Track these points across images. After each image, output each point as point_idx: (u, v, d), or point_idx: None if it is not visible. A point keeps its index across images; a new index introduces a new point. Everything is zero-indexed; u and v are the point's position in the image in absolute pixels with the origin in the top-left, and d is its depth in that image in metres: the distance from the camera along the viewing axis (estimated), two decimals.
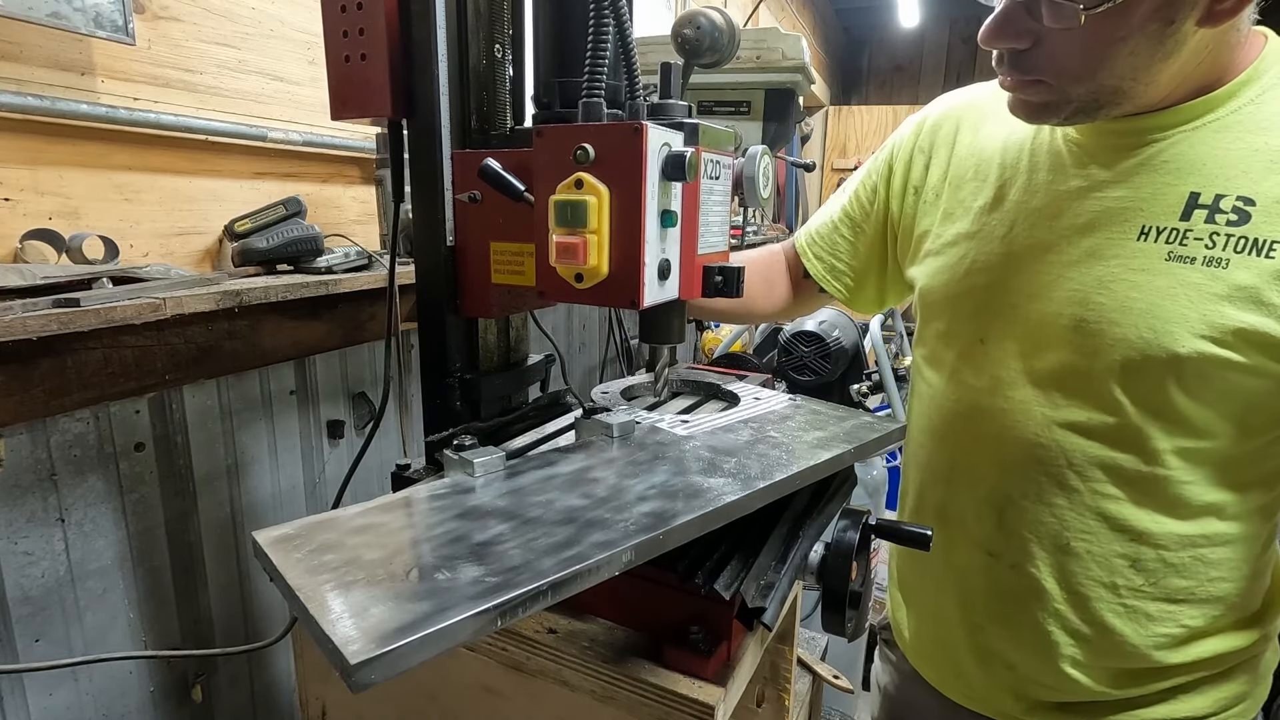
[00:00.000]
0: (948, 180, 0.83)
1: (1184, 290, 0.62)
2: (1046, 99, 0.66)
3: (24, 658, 0.89)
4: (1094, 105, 0.64)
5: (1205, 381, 0.63)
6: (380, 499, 0.57)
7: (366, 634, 0.39)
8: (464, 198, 0.69)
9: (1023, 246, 0.73)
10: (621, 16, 0.59)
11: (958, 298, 0.79)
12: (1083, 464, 0.70)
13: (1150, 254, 0.65)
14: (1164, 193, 0.65)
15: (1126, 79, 0.62)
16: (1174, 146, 0.65)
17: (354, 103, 0.68)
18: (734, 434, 0.68)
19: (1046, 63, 0.63)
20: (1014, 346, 0.73)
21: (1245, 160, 0.62)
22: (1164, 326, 0.63)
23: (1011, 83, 0.67)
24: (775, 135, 1.34)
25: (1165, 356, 0.63)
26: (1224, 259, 0.61)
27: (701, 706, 0.55)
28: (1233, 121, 0.64)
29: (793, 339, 1.86)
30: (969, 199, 0.80)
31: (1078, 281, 0.68)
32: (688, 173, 0.56)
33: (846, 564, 0.61)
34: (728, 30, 0.96)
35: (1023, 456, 0.73)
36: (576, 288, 0.58)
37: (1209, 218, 0.62)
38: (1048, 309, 0.70)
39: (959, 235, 0.79)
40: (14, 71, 0.93)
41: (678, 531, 0.50)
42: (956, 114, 0.86)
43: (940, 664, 0.87)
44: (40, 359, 0.83)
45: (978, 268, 0.76)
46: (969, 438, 0.78)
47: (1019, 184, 0.75)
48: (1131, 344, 0.65)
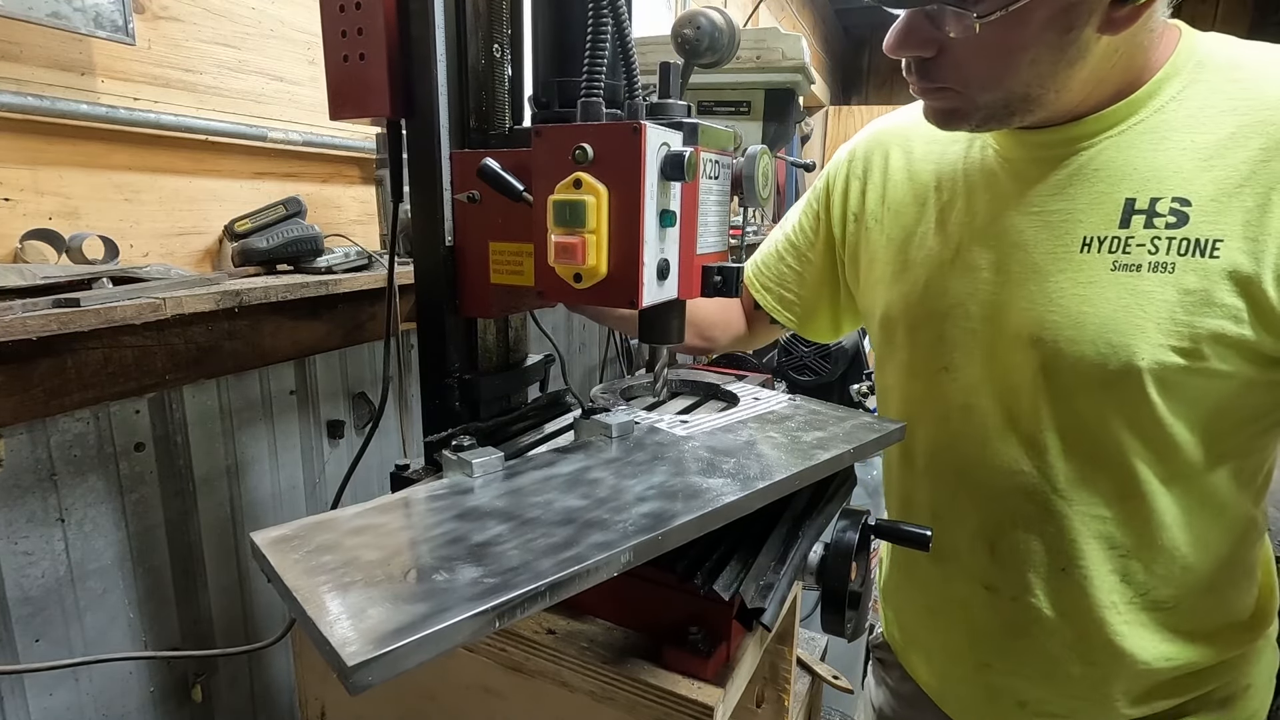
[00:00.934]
0: (885, 206, 0.82)
1: (1135, 300, 0.61)
2: (955, 105, 0.65)
3: (24, 658, 0.89)
4: (1005, 112, 0.64)
5: (1171, 391, 0.63)
6: (378, 500, 0.57)
7: (364, 635, 0.39)
8: (463, 197, 0.69)
9: (972, 268, 0.72)
10: (620, 16, 0.59)
11: (915, 328, 0.77)
12: (1065, 487, 0.69)
13: (1095, 265, 0.64)
14: (1100, 201, 0.64)
15: (1034, 86, 0.61)
16: (1103, 154, 0.65)
17: (353, 102, 0.68)
18: (733, 434, 0.68)
19: (951, 71, 0.63)
20: (978, 372, 0.72)
21: (1175, 160, 0.62)
22: (1121, 340, 0.62)
23: (922, 91, 0.67)
24: (775, 135, 1.34)
25: (1128, 370, 0.62)
26: (1169, 263, 0.60)
27: (701, 707, 0.55)
28: (1158, 122, 0.63)
29: (793, 339, 1.86)
30: (911, 224, 0.79)
31: (1027, 300, 0.67)
32: (687, 172, 0.56)
33: (846, 564, 0.61)
34: (728, 30, 0.96)
35: (1006, 486, 0.72)
36: (575, 288, 0.58)
37: (1148, 222, 0.61)
38: (1005, 331, 0.69)
39: (908, 262, 0.78)
40: (14, 71, 0.93)
41: (677, 532, 0.50)
42: (884, 140, 0.85)
43: (948, 698, 0.86)
44: (40, 359, 0.83)
45: (931, 294, 0.75)
46: (950, 472, 0.76)
47: (959, 206, 0.74)
48: (1091, 361, 0.63)
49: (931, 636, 0.86)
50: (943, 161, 0.78)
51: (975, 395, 0.73)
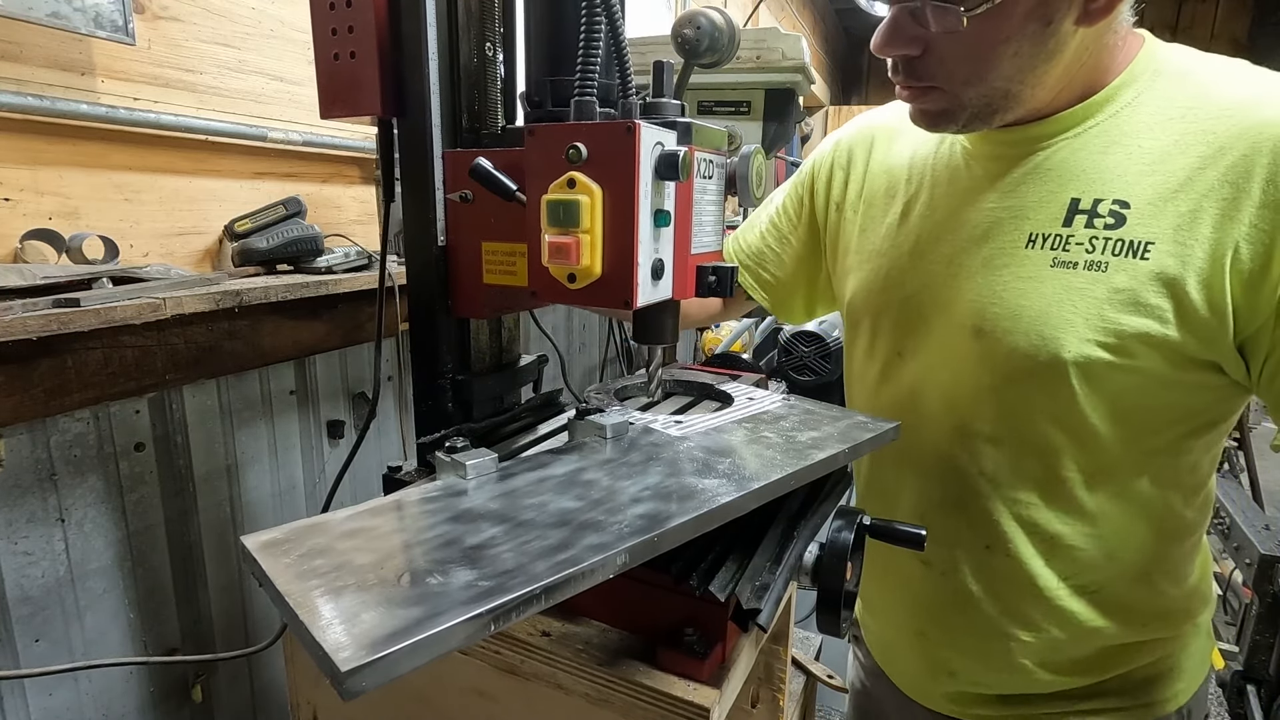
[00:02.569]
0: (863, 197, 0.85)
1: (1068, 296, 0.64)
2: (942, 106, 0.67)
3: (24, 657, 0.89)
4: (988, 109, 0.66)
5: (1094, 385, 0.65)
6: (371, 502, 0.57)
7: (357, 640, 0.39)
8: (455, 197, 0.69)
9: (929, 260, 0.75)
10: (613, 14, 0.58)
11: (876, 314, 0.81)
12: (992, 471, 0.72)
13: (1037, 261, 0.66)
14: (1048, 200, 0.67)
15: (1015, 81, 0.63)
16: (1057, 154, 0.67)
17: (343, 101, 0.68)
18: (728, 434, 0.68)
19: (937, 68, 0.65)
20: (926, 359, 0.76)
21: (1120, 164, 0.64)
22: (1051, 333, 0.64)
23: (908, 93, 0.69)
24: (775, 135, 1.34)
25: (1055, 362, 0.65)
26: (1103, 262, 0.63)
27: (696, 708, 0.55)
28: (1110, 126, 0.65)
29: (793, 339, 1.85)
30: (880, 215, 0.82)
31: (975, 292, 0.70)
32: (681, 172, 0.56)
33: (841, 564, 0.61)
34: (728, 30, 0.95)
35: (939, 467, 0.75)
36: (569, 288, 0.58)
37: (1088, 222, 0.64)
38: (951, 321, 0.72)
39: (873, 252, 0.82)
40: (14, 71, 0.93)
41: (672, 533, 0.50)
42: (870, 131, 0.87)
43: (894, 663, 0.91)
44: (40, 359, 0.84)
45: (892, 283, 0.78)
46: (893, 451, 0.79)
47: (923, 199, 0.77)
48: (1024, 352, 0.66)
49: (880, 605, 0.90)
50: (915, 156, 0.80)
51: (922, 381, 0.76)
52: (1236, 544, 1.68)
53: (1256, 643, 1.57)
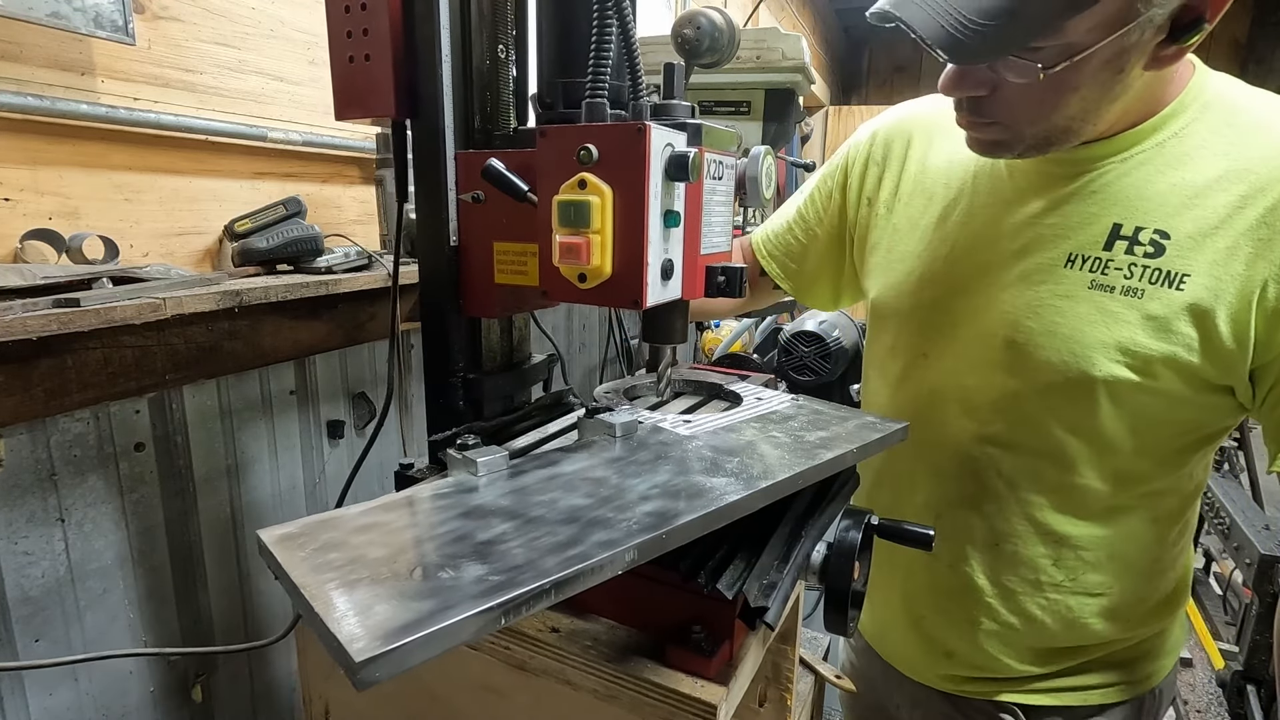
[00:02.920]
0: (898, 195, 0.86)
1: (1103, 318, 0.67)
2: (1001, 138, 0.69)
3: (24, 657, 0.88)
4: (1045, 143, 0.68)
5: (1118, 401, 0.68)
6: (383, 498, 0.57)
7: (371, 632, 0.39)
8: (467, 198, 0.69)
9: (963, 267, 0.77)
10: (624, 17, 0.59)
11: (904, 314, 0.83)
12: (1009, 474, 0.76)
13: (1075, 281, 0.69)
14: (1090, 223, 0.69)
15: (1077, 120, 0.65)
16: (1102, 178, 0.69)
17: (358, 103, 0.68)
18: (736, 434, 0.68)
19: (1003, 109, 0.66)
20: (951, 363, 0.78)
21: (1163, 195, 0.66)
22: (1083, 351, 0.68)
23: (968, 123, 0.71)
24: (775, 135, 1.34)
25: (1083, 379, 0.68)
26: (1140, 289, 0.66)
27: (704, 706, 0.55)
28: (1156, 154, 0.67)
29: (793, 339, 1.86)
30: (917, 216, 0.83)
31: (1010, 304, 0.72)
32: (691, 173, 0.56)
33: (849, 564, 0.61)
34: (728, 30, 0.96)
35: (956, 467, 0.79)
36: (579, 288, 0.58)
37: (1129, 249, 0.66)
38: (983, 329, 0.74)
39: (906, 253, 0.83)
40: (14, 71, 0.92)
41: (680, 531, 0.50)
42: (908, 127, 0.88)
43: (887, 643, 0.94)
44: (40, 359, 0.83)
45: (923, 285, 0.80)
46: (909, 446, 0.80)
47: (962, 205, 0.79)
48: (1055, 367, 0.69)
49: (875, 588, 0.92)
50: (955, 160, 0.81)
51: (944, 383, 0.79)
52: (1236, 544, 1.69)
53: (1256, 643, 1.58)
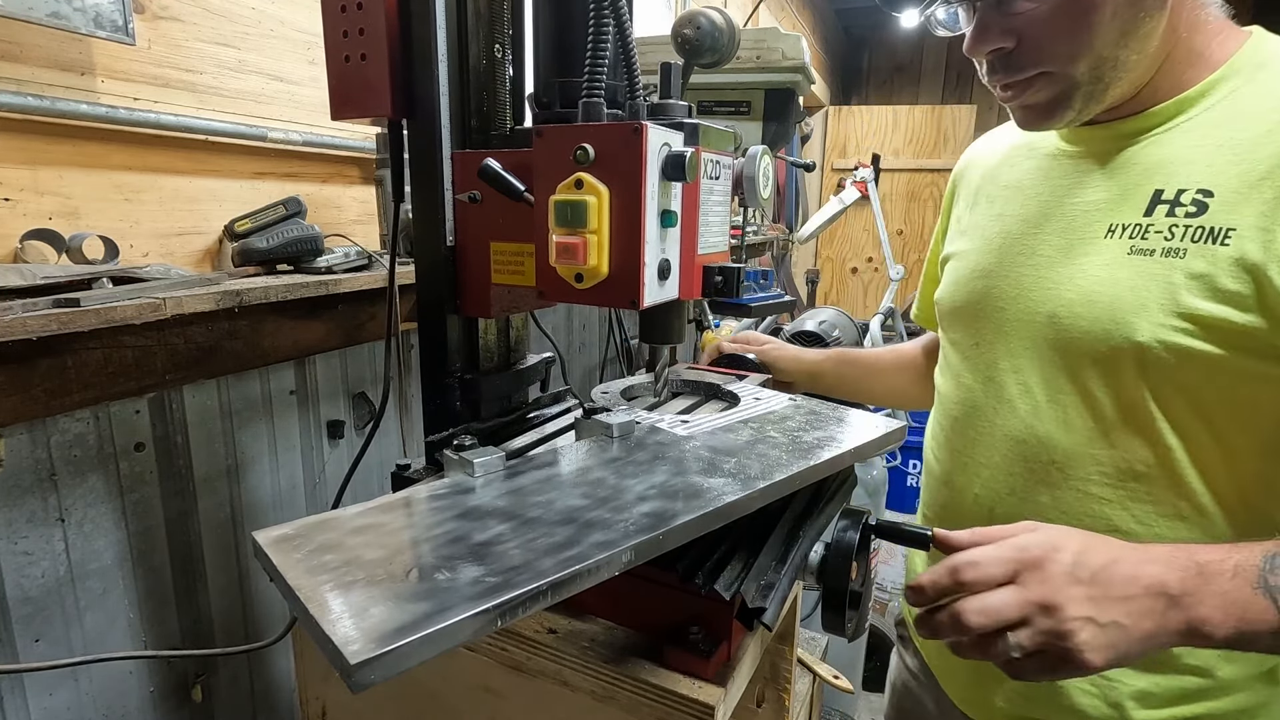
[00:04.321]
0: (972, 206, 0.87)
1: (1143, 281, 0.64)
2: (1052, 92, 0.66)
3: (24, 658, 0.88)
4: (1099, 84, 0.64)
5: (1169, 373, 0.63)
6: (380, 499, 0.57)
7: (366, 634, 0.39)
8: (464, 198, 0.69)
9: (1012, 253, 0.76)
10: (621, 16, 0.59)
11: (959, 307, 0.82)
12: (1063, 461, 0.70)
13: (1115, 249, 0.66)
14: (1132, 192, 0.67)
15: (1120, 45, 0.62)
16: (1144, 149, 0.68)
17: (354, 103, 0.68)
18: (734, 434, 0.68)
19: (1038, 53, 0.64)
20: (1001, 347, 0.76)
21: (1208, 156, 0.63)
22: (1124, 317, 0.64)
23: (1013, 92, 0.68)
24: (775, 135, 1.34)
25: (1127, 346, 0.64)
26: (1181, 249, 0.62)
27: (701, 706, 0.55)
28: (1204, 120, 0.65)
29: (793, 339, 1.86)
30: (980, 220, 0.84)
31: (1052, 280, 0.71)
32: (688, 173, 0.56)
33: (846, 564, 0.61)
34: (728, 30, 0.96)
35: (1008, 454, 0.74)
36: (576, 288, 0.58)
37: (1169, 211, 0.64)
38: (1027, 309, 0.73)
39: (966, 249, 0.84)
40: (14, 71, 0.93)
41: (677, 531, 0.50)
42: (988, 146, 0.90)
43: (947, 674, 0.86)
44: (40, 359, 0.83)
45: (975, 276, 0.80)
46: (964, 440, 0.79)
47: (1017, 199, 0.79)
48: (1097, 337, 0.66)
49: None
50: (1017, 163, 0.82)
51: (996, 369, 0.76)
52: None
53: None
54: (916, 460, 2.87)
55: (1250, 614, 0.53)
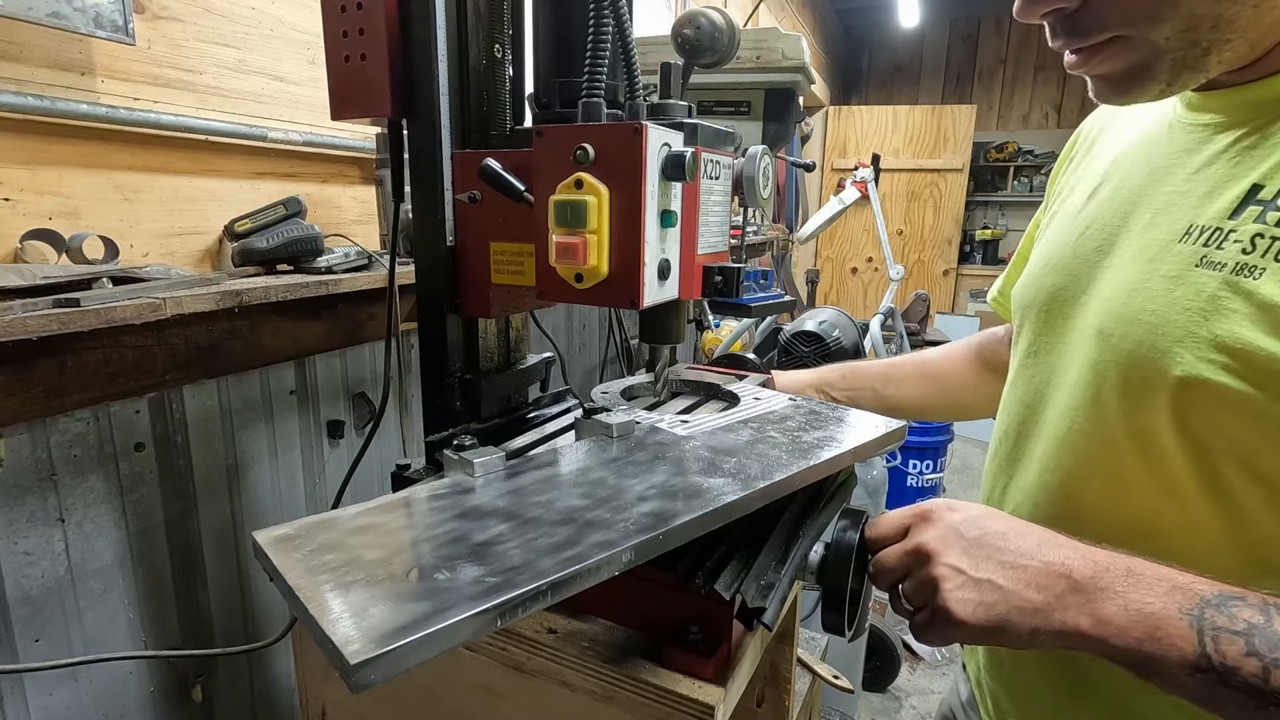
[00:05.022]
0: (1070, 185, 0.73)
1: (1199, 302, 0.52)
2: (1130, 60, 0.52)
3: (24, 657, 0.89)
4: (1194, 48, 0.50)
5: (1210, 420, 0.52)
6: (380, 499, 0.57)
7: (366, 634, 0.39)
8: (464, 198, 0.69)
9: (1085, 248, 0.64)
10: (621, 16, 0.59)
11: (1027, 305, 0.71)
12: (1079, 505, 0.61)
13: (1184, 258, 0.54)
14: (1227, 186, 0.53)
15: (1219, 0, 0.48)
16: (1265, 128, 0.52)
17: (354, 103, 0.68)
18: (734, 434, 0.68)
19: (1108, 10, 0.51)
20: (1056, 359, 0.66)
21: None
22: (1165, 344, 0.53)
23: (1081, 57, 0.55)
24: (775, 135, 1.34)
25: (1162, 379, 0.53)
26: (1259, 267, 0.49)
27: (701, 706, 0.55)
28: None
29: (793, 339, 1.86)
30: (1080, 186, 0.70)
31: (1112, 288, 0.59)
32: (687, 173, 0.56)
33: (846, 564, 0.61)
34: (728, 30, 0.96)
35: (1036, 482, 0.66)
36: (576, 288, 0.58)
37: (1259, 216, 0.50)
38: (1083, 318, 0.62)
39: (1048, 239, 0.71)
40: (14, 71, 0.93)
41: (677, 531, 0.50)
42: (1103, 117, 0.74)
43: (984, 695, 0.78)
44: (40, 359, 0.84)
45: (1047, 272, 0.68)
46: (1007, 461, 0.72)
47: (1112, 182, 0.65)
48: (1133, 363, 0.55)
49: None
50: (1122, 136, 0.68)
51: (1047, 386, 0.66)
52: None
53: None
54: (916, 460, 2.87)
55: (1163, 634, 0.45)
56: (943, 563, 0.51)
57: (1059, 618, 0.48)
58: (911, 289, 4.40)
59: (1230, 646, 0.45)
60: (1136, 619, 0.47)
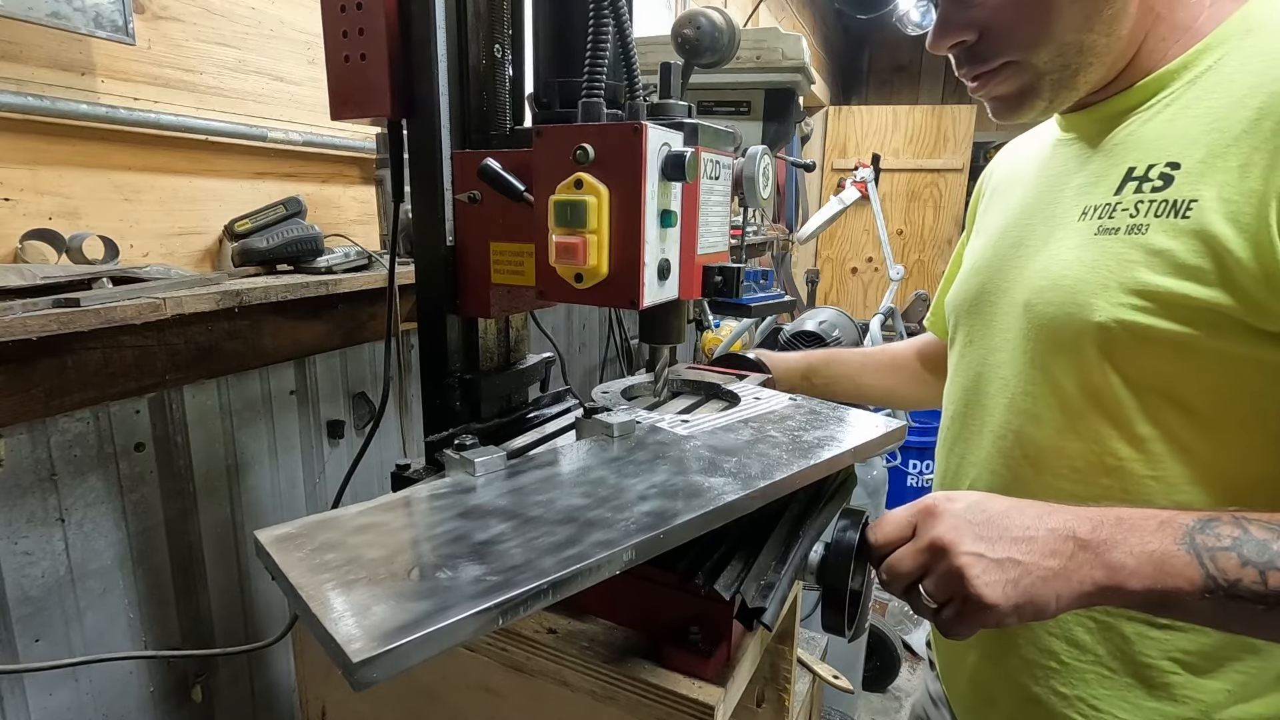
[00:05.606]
0: (987, 209, 0.88)
1: (1106, 261, 0.62)
2: (1020, 82, 0.66)
3: (24, 657, 0.89)
4: (1066, 71, 0.64)
5: (1133, 357, 0.61)
6: (381, 498, 0.57)
7: (368, 632, 0.39)
8: (464, 198, 0.69)
9: (1005, 246, 0.76)
10: (621, 16, 0.59)
11: (958, 305, 0.82)
12: (1035, 455, 0.69)
13: (1085, 231, 0.65)
14: (1108, 173, 0.66)
15: (1084, 30, 0.61)
16: (1128, 128, 0.66)
17: (354, 103, 0.68)
18: (734, 434, 0.68)
19: (1000, 42, 0.64)
20: (989, 343, 0.76)
21: (1184, 129, 0.61)
22: (1085, 299, 0.62)
23: (980, 83, 0.68)
24: (775, 135, 1.34)
25: (1087, 328, 0.62)
26: (1144, 224, 0.60)
27: (701, 707, 0.55)
28: (1185, 92, 0.62)
29: (792, 339, 1.86)
30: (990, 217, 0.84)
31: (1030, 269, 0.70)
32: (687, 173, 0.56)
33: (846, 564, 0.61)
34: (728, 30, 0.96)
35: (991, 451, 0.74)
36: (576, 288, 0.58)
37: (1138, 188, 0.62)
38: (1011, 301, 0.72)
39: (973, 249, 0.84)
40: (14, 71, 0.93)
41: (678, 530, 0.50)
42: (1017, 144, 0.89)
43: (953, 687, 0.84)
44: (40, 359, 0.83)
45: (973, 274, 0.80)
46: (959, 441, 0.79)
47: (1015, 194, 0.79)
48: (1060, 322, 0.64)
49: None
50: (1022, 158, 0.83)
51: (984, 365, 0.76)
52: None
53: None
54: (916, 460, 2.87)
55: (1170, 568, 0.50)
56: (963, 551, 0.52)
57: (1077, 577, 0.51)
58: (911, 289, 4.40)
59: (1227, 562, 0.50)
60: (1142, 560, 0.51)
